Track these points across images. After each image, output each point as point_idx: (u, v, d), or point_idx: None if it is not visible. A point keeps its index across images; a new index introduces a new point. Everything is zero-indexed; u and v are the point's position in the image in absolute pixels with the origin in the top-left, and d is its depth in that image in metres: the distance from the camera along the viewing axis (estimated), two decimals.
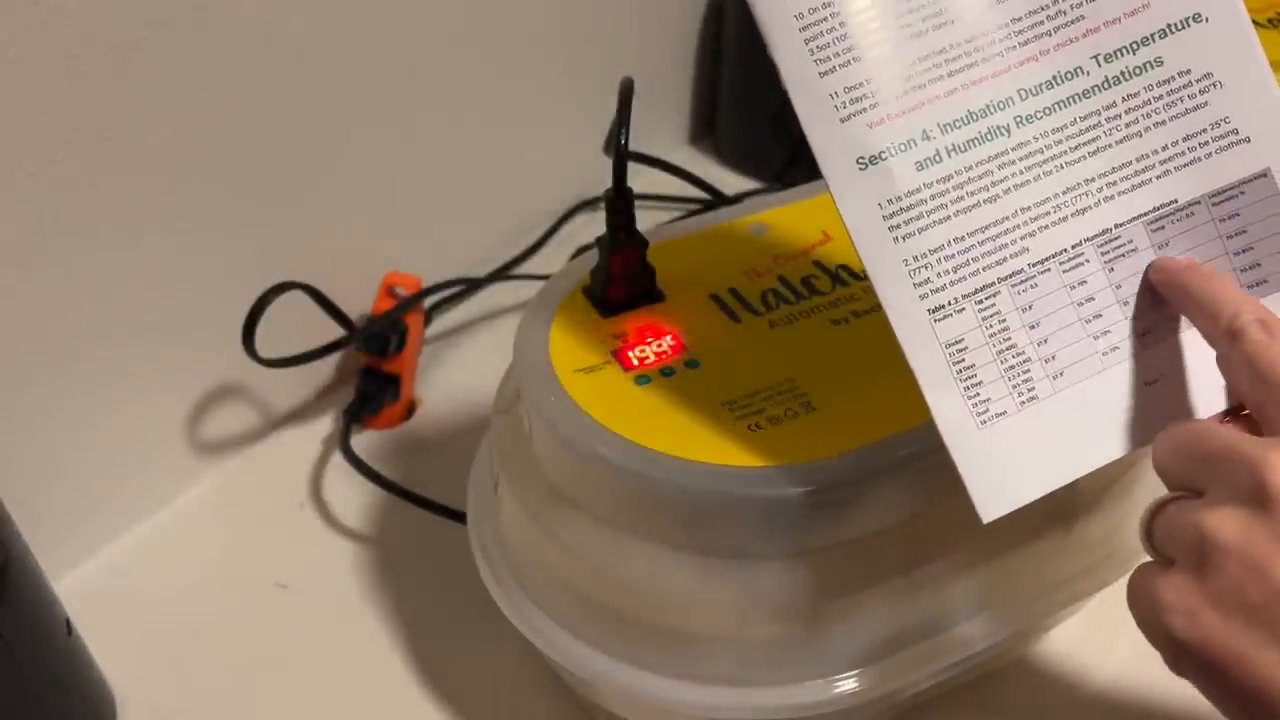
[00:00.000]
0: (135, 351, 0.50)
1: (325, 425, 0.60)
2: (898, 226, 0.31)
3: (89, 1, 0.42)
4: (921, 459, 0.34)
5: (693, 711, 0.37)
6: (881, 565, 0.37)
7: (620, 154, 0.38)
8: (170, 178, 0.48)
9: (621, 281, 0.40)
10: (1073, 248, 0.32)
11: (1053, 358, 0.32)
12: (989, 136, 0.31)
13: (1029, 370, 0.32)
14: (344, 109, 0.56)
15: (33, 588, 0.40)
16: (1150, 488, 0.37)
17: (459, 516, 0.47)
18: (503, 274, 0.68)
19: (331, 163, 0.56)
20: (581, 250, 0.70)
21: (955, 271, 0.31)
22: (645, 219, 0.42)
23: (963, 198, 0.31)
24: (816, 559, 0.35)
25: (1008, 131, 0.31)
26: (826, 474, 0.34)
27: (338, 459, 0.57)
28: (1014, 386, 0.31)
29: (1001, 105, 0.31)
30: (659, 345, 0.39)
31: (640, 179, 0.45)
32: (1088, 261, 0.32)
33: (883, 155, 0.31)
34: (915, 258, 0.31)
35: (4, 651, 0.38)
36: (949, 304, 0.31)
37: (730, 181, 0.78)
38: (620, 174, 0.39)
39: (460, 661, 0.48)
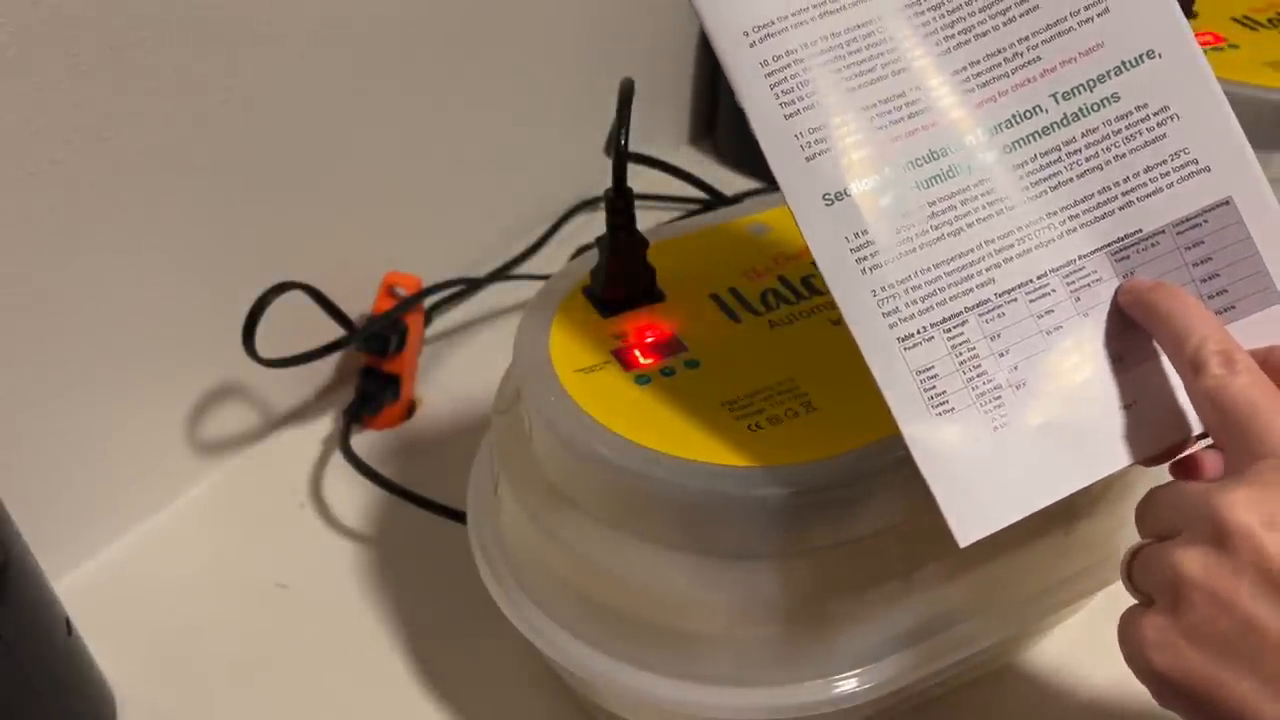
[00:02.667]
0: (135, 352, 0.50)
1: (325, 425, 0.60)
2: (865, 259, 0.31)
3: (89, 1, 0.42)
4: None
5: (693, 711, 0.37)
6: (881, 565, 0.37)
7: (620, 154, 0.38)
8: (170, 178, 0.48)
9: (621, 281, 0.40)
10: (1038, 278, 0.32)
11: (1024, 384, 0.32)
12: (950, 174, 0.32)
13: (1000, 396, 0.32)
14: (344, 109, 0.56)
15: (33, 588, 0.40)
16: (1148, 488, 0.37)
17: (459, 516, 0.47)
18: (503, 274, 0.68)
19: (331, 163, 0.56)
20: (581, 250, 0.70)
21: (923, 301, 0.32)
22: (645, 219, 0.42)
23: (927, 231, 0.32)
24: (816, 559, 0.36)
25: (969, 169, 0.32)
26: (827, 474, 0.34)
27: (338, 459, 0.57)
28: (986, 413, 0.32)
29: (962, 144, 0.32)
30: (659, 345, 0.39)
31: (640, 179, 0.45)
32: (1054, 291, 0.32)
33: (848, 191, 0.31)
34: (883, 288, 0.31)
35: (4, 651, 0.38)
36: (918, 332, 0.31)
37: (730, 181, 0.78)
38: (620, 174, 0.39)
39: (460, 661, 0.48)
